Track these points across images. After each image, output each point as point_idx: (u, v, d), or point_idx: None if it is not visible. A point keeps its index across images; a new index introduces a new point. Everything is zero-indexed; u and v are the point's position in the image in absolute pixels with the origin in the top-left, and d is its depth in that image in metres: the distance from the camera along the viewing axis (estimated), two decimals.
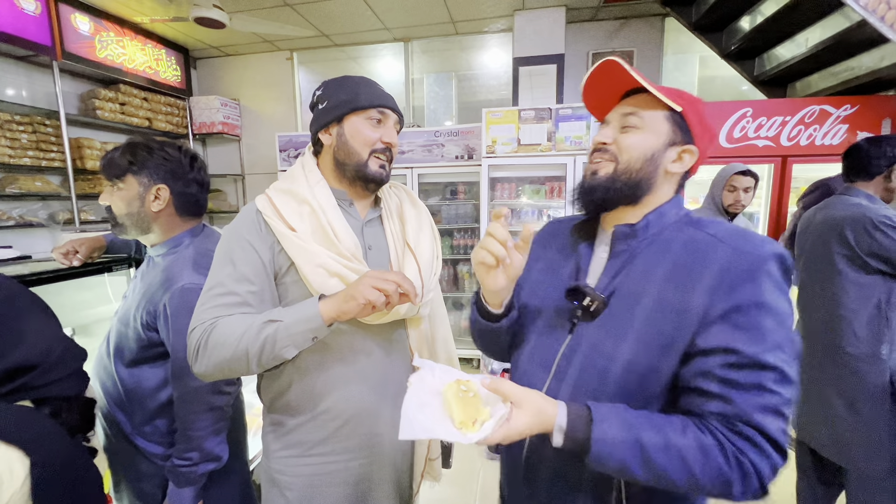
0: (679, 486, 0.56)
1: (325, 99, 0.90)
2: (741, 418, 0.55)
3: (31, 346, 0.75)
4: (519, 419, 0.55)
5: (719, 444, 0.54)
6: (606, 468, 0.57)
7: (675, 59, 4.00)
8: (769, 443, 0.54)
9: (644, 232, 0.68)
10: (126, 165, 1.00)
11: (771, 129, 2.53)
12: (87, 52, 3.27)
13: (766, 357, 0.55)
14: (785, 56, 2.83)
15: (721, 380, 0.56)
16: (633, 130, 0.67)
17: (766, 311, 0.57)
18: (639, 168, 0.67)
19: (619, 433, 0.55)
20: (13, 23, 2.79)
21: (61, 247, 1.19)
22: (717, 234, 0.64)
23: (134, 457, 1.03)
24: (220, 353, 0.75)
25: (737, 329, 0.56)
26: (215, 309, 0.79)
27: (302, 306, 0.76)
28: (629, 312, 0.64)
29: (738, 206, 2.13)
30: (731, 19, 3.01)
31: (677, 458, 0.55)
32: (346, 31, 3.89)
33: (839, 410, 1.48)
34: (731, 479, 0.54)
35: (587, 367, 0.66)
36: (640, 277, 0.65)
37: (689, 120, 0.67)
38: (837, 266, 1.48)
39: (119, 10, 3.40)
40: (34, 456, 0.68)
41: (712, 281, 0.59)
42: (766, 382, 0.54)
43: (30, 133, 2.98)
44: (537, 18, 3.50)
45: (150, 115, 3.82)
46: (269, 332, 0.74)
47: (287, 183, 0.89)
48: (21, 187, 2.93)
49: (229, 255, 0.82)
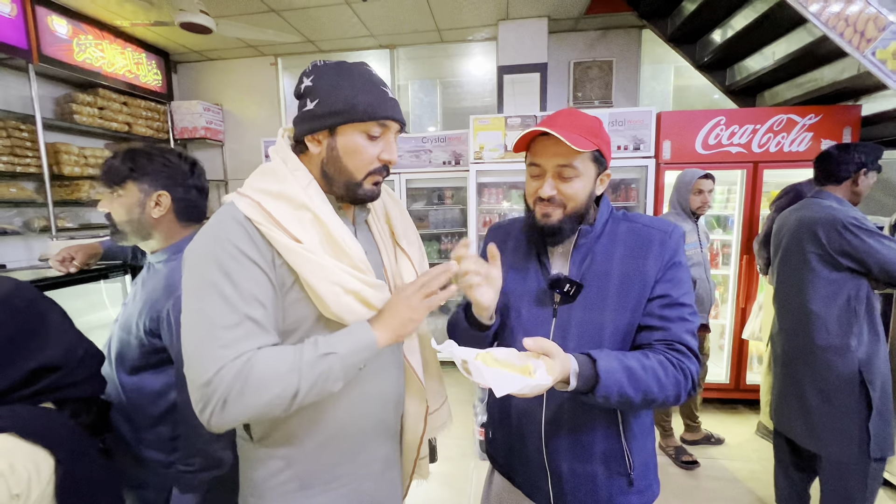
0: (654, 397, 0.75)
1: (315, 96, 0.74)
2: (676, 339, 0.79)
3: (56, 348, 0.77)
4: (556, 366, 0.68)
5: (669, 360, 0.77)
6: (609, 394, 0.72)
7: (652, 68, 4.16)
8: (692, 353, 0.80)
9: (596, 229, 0.88)
10: (127, 172, 1.00)
11: (743, 136, 2.67)
12: (64, 55, 3.18)
13: (684, 298, 0.82)
14: (754, 68, 3.00)
15: (660, 316, 0.81)
16: (573, 179, 0.83)
17: (682, 268, 0.83)
18: (583, 207, 0.85)
19: (614, 364, 0.73)
20: None
21: (57, 254, 1.17)
22: (647, 223, 0.87)
23: (136, 464, 1.02)
24: (261, 397, 0.64)
25: (668, 282, 0.82)
26: (237, 344, 0.64)
27: (354, 334, 0.70)
28: (604, 288, 0.83)
29: (705, 207, 2.28)
30: (704, 32, 3.17)
31: (651, 373, 0.75)
32: (332, 38, 3.91)
33: (812, 401, 1.57)
34: (681, 381, 0.77)
35: (582, 336, 0.83)
36: (603, 261, 0.85)
37: (603, 153, 0.84)
38: (810, 264, 1.57)
39: (98, 13, 3.33)
40: (59, 456, 0.70)
41: (656, 254, 0.83)
42: (686, 315, 0.81)
43: (3, 138, 2.88)
44: (520, 28, 3.60)
45: (129, 120, 3.74)
46: (323, 368, 0.67)
47: (274, 183, 0.73)
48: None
49: (226, 274, 0.66)
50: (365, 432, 0.83)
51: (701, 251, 2.30)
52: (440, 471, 2.30)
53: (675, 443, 2.44)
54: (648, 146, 2.80)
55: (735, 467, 2.31)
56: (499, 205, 3.36)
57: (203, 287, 0.67)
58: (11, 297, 0.74)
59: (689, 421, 2.53)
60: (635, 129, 2.79)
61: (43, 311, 0.78)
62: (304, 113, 0.76)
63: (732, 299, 2.85)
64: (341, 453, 0.81)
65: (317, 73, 0.75)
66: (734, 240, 2.83)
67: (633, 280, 0.82)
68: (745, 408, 2.92)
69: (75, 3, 3.16)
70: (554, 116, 0.85)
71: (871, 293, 1.51)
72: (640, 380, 0.73)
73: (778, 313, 1.79)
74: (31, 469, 0.67)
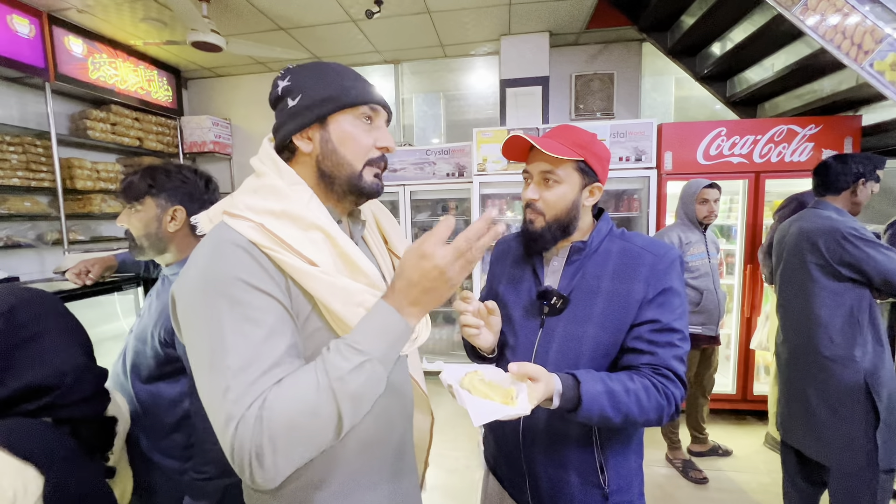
0: (634, 418, 0.77)
1: (296, 92, 0.69)
2: (662, 364, 0.80)
3: (48, 368, 0.76)
4: (539, 388, 0.70)
5: (653, 384, 0.78)
6: (591, 416, 0.74)
7: (653, 80, 4.22)
8: (678, 379, 0.81)
9: (590, 246, 0.90)
10: (145, 189, 1.04)
11: (744, 146, 2.69)
12: (79, 73, 3.29)
13: (675, 324, 0.83)
14: (754, 79, 3.04)
15: (648, 341, 0.82)
16: (554, 185, 0.87)
17: (674, 294, 0.84)
18: (565, 215, 0.88)
19: (597, 386, 0.75)
20: (7, 46, 2.81)
21: (74, 267, 1.21)
22: (642, 245, 0.88)
23: (150, 471, 1.04)
24: (299, 440, 0.55)
25: (659, 307, 0.83)
26: (251, 389, 0.55)
27: (383, 326, 0.60)
28: (589, 304, 0.86)
29: (711, 217, 2.28)
30: (704, 45, 3.22)
31: (634, 397, 0.76)
32: (339, 54, 4.00)
33: (819, 411, 1.57)
34: (663, 405, 0.78)
35: (563, 349, 0.86)
36: (593, 278, 0.87)
37: (591, 164, 0.87)
38: (812, 274, 1.58)
39: (113, 32, 3.44)
40: (48, 475, 0.69)
41: (645, 277, 0.84)
42: (675, 341, 0.82)
43: (20, 153, 2.96)
44: (522, 43, 3.67)
45: (140, 135, 3.83)
46: (364, 378, 0.57)
47: (275, 202, 0.65)
48: (10, 208, 2.90)
49: (245, 306, 0.58)
50: (387, 460, 0.76)
51: (709, 262, 2.31)
52: (446, 482, 2.30)
53: (683, 455, 2.42)
54: (650, 157, 2.83)
55: (743, 479, 2.29)
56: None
57: (208, 330, 0.57)
58: (16, 310, 0.76)
59: (697, 433, 2.52)
60: (636, 140, 2.83)
61: (43, 328, 0.78)
62: (288, 111, 0.70)
63: (737, 309, 2.85)
64: (366, 487, 0.72)
65: (293, 74, 0.71)
66: (737, 249, 2.84)
67: (618, 300, 0.84)
68: (754, 418, 2.90)
69: (91, 23, 3.27)
70: (552, 130, 0.90)
71: (873, 303, 1.52)
72: (622, 402, 0.75)
73: (782, 324, 1.79)
74: (17, 487, 0.65)
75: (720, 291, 2.33)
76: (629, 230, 0.93)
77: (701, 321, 2.29)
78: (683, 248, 2.29)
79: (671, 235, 2.31)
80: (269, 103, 0.74)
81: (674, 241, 2.29)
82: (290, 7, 3.09)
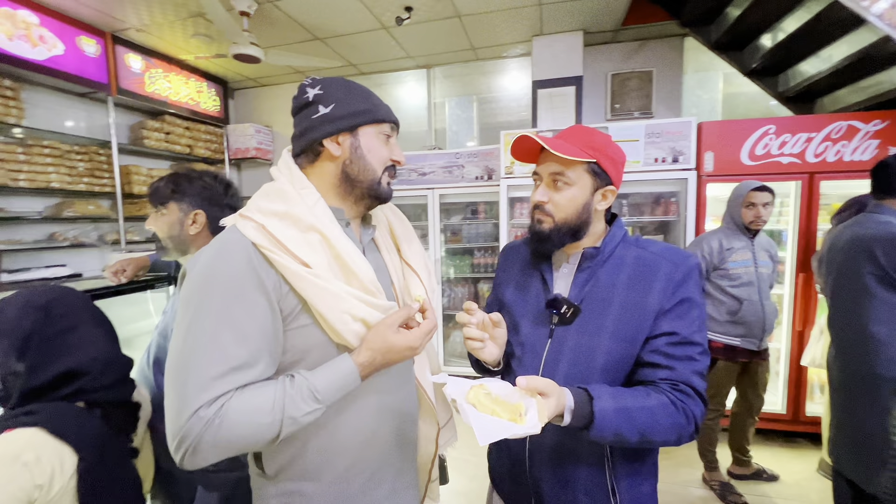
0: (653, 439, 0.72)
1: (330, 101, 0.76)
2: (681, 380, 0.75)
3: (83, 355, 0.85)
4: (550, 404, 0.66)
5: (672, 402, 0.73)
6: (604, 434, 0.70)
7: (698, 77, 3.99)
8: (698, 396, 0.76)
9: (603, 252, 0.85)
10: (169, 194, 1.11)
11: (796, 145, 2.48)
12: (137, 87, 3.58)
13: (694, 336, 0.77)
14: (809, 72, 2.79)
15: (665, 354, 0.77)
16: (564, 187, 0.82)
17: (693, 304, 0.79)
18: (575, 218, 0.83)
19: (611, 403, 0.70)
20: (76, 64, 3.11)
21: (112, 266, 1.31)
22: (657, 252, 0.83)
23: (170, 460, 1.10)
24: (234, 446, 0.63)
25: (677, 318, 0.77)
26: (216, 385, 0.61)
27: (338, 377, 0.68)
28: (602, 314, 0.81)
29: (759, 222, 2.10)
30: (752, 37, 3.00)
31: (650, 414, 0.72)
32: (372, 61, 4.10)
33: (874, 440, 1.41)
34: (682, 424, 0.73)
35: (575, 362, 0.81)
36: (606, 287, 0.82)
37: (603, 166, 0.82)
38: (868, 286, 1.43)
39: (168, 49, 3.72)
40: (82, 454, 0.77)
41: (661, 286, 0.79)
42: (694, 355, 0.77)
43: (86, 161, 3.26)
44: (555, 43, 3.59)
45: (191, 143, 4.10)
46: (310, 419, 0.66)
47: (280, 204, 0.71)
48: (76, 211, 3.19)
49: (225, 309, 0.64)
50: (385, 460, 0.80)
51: (756, 270, 2.14)
52: (468, 488, 2.27)
53: (722, 477, 2.26)
54: (688, 158, 2.67)
55: None
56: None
57: (193, 318, 0.64)
58: (52, 304, 0.84)
59: (740, 454, 2.33)
60: (674, 140, 2.68)
61: (77, 320, 0.87)
62: (317, 118, 0.76)
63: (788, 321, 2.62)
64: (360, 485, 0.77)
65: (323, 84, 0.79)
66: (788, 257, 2.61)
67: (632, 311, 0.79)
68: (806, 442, 2.66)
69: (148, 41, 3.55)
70: (564, 131, 0.86)
71: None
72: (638, 421, 0.71)
73: (834, 339, 1.63)
74: (55, 463, 0.73)
75: (768, 303, 2.14)
76: (666, 235, 0.88)
77: (740, 333, 2.12)
78: (724, 254, 2.13)
79: (711, 241, 2.16)
80: (294, 108, 0.81)
81: (713, 246, 2.14)
82: (324, 18, 3.21)
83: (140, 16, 3.13)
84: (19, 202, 3.02)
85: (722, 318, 2.15)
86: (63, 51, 3.02)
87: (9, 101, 2.77)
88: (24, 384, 0.79)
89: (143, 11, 3.07)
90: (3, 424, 0.74)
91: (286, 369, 0.72)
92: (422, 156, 3.59)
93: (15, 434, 0.72)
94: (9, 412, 0.79)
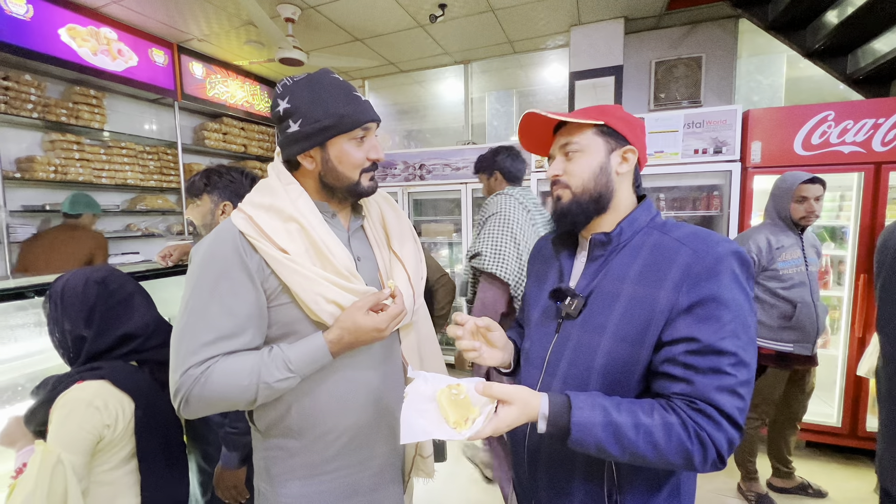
0: (649, 460, 0.63)
1: (297, 116, 0.78)
2: (700, 397, 0.62)
3: (137, 320, 1.02)
4: (507, 413, 0.62)
5: (681, 422, 0.61)
6: (585, 447, 0.63)
7: (757, 60, 3.68)
8: (725, 418, 0.61)
9: (617, 238, 0.75)
10: (202, 187, 1.25)
11: (860, 133, 2.24)
12: (199, 92, 3.94)
13: (723, 344, 0.62)
14: (883, 50, 2.50)
15: (684, 364, 0.63)
16: (576, 155, 0.76)
17: (723, 304, 0.63)
18: (593, 184, 0.75)
19: (595, 416, 0.62)
20: (148, 73, 3.49)
21: (161, 251, 1.50)
22: (679, 237, 0.70)
23: (201, 422, 1.26)
24: (218, 403, 0.73)
25: (698, 320, 0.64)
26: (204, 350, 0.72)
27: (310, 351, 0.76)
28: (607, 310, 0.71)
29: (811, 217, 1.93)
30: (815, 15, 2.74)
31: (645, 435, 0.61)
32: (411, 59, 4.20)
33: None
34: (692, 451, 0.61)
35: (574, 361, 0.74)
36: (615, 279, 0.73)
37: (614, 126, 0.75)
38: None
39: (226, 56, 4.05)
40: (138, 402, 0.94)
41: (677, 279, 0.66)
42: (723, 366, 0.61)
43: (156, 160, 3.66)
44: (594, 32, 3.48)
45: (245, 143, 4.44)
46: (283, 386, 0.75)
47: (266, 198, 0.80)
48: (147, 205, 3.59)
49: (216, 287, 0.74)
50: (361, 428, 0.86)
51: (806, 269, 1.97)
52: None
53: (759, 489, 2.12)
54: (732, 149, 2.50)
55: None
56: None
57: (191, 293, 0.75)
58: (108, 279, 1.00)
59: (781, 465, 2.18)
60: (716, 130, 2.52)
61: (130, 291, 1.04)
62: (290, 135, 0.80)
63: (846, 326, 2.39)
64: (339, 447, 0.85)
65: (290, 94, 0.79)
66: (849, 255, 2.38)
67: (639, 308, 0.68)
68: (864, 458, 2.42)
69: (208, 49, 3.90)
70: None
71: None
72: (628, 440, 0.61)
73: (883, 345, 1.48)
74: (118, 408, 0.91)
75: (819, 304, 1.97)
76: (708, 230, 0.72)
77: (794, 338, 1.96)
78: (773, 253, 1.97)
79: (758, 239, 2.01)
80: (272, 118, 0.84)
81: (761, 245, 1.99)
82: (362, 19, 3.34)
83: (201, 27, 3.44)
84: (102, 197, 3.46)
85: (774, 323, 1.99)
86: (137, 62, 3.40)
87: (94, 109, 3.17)
88: (90, 347, 0.97)
89: (202, 23, 3.37)
90: (73, 377, 0.92)
91: (275, 342, 0.80)
92: (455, 151, 3.64)
93: (85, 385, 0.89)
94: (76, 368, 0.96)
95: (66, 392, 0.88)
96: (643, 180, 0.85)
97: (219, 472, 1.20)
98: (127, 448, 0.94)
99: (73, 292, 0.98)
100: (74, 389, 0.88)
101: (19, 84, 2.77)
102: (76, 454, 0.83)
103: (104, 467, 0.91)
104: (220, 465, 1.20)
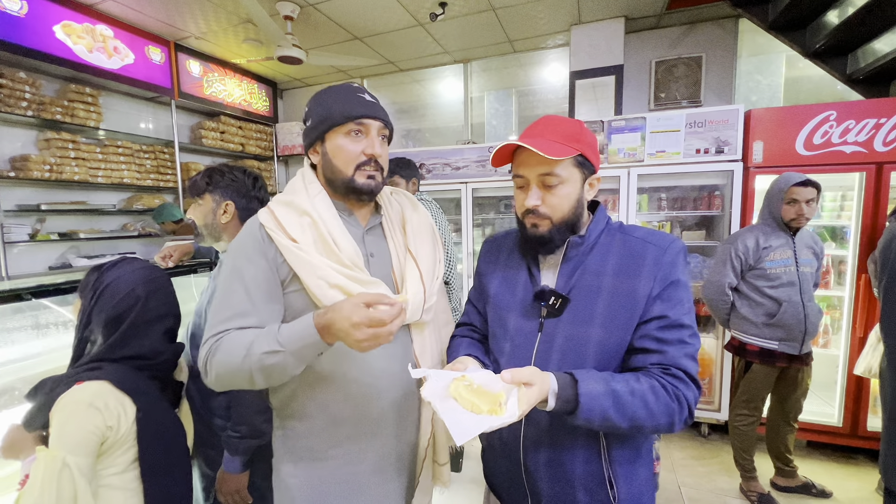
0: (643, 424, 0.72)
1: (308, 116, 0.90)
2: (672, 364, 0.75)
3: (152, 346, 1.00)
4: (530, 393, 0.67)
5: (662, 385, 0.73)
6: (592, 418, 0.69)
7: (756, 60, 3.69)
8: (691, 380, 0.75)
9: (588, 240, 0.84)
10: (204, 186, 1.23)
11: (861, 133, 2.25)
12: (196, 90, 3.90)
13: (684, 319, 0.77)
14: (883, 50, 2.51)
15: (657, 339, 0.76)
16: (557, 187, 0.80)
17: (681, 286, 0.79)
18: (571, 214, 0.83)
19: (598, 387, 0.70)
20: (145, 71, 3.44)
21: (161, 251, 1.47)
22: (642, 237, 0.83)
23: (204, 427, 1.24)
24: (222, 373, 0.78)
25: (666, 301, 0.77)
26: (223, 324, 0.80)
27: (299, 328, 0.74)
28: (592, 303, 0.80)
29: (801, 220, 1.94)
30: (815, 15, 2.74)
31: (640, 398, 0.71)
32: (410, 58, 4.17)
33: None
34: (674, 409, 0.73)
35: (566, 353, 0.80)
36: (594, 274, 0.82)
37: (587, 156, 0.82)
38: None
39: (223, 54, 4.01)
40: (139, 404, 0.92)
41: (649, 271, 0.78)
42: (685, 337, 0.77)
43: (152, 159, 3.62)
44: (594, 31, 3.47)
45: (243, 141, 4.41)
46: (274, 361, 0.74)
47: (288, 195, 0.90)
48: (144, 204, 3.55)
49: (239, 271, 0.83)
50: (362, 422, 0.88)
51: (796, 270, 1.98)
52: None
53: (760, 488, 2.12)
54: (734, 148, 2.50)
55: None
56: None
57: (223, 278, 0.86)
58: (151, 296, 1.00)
59: (782, 464, 2.18)
60: (718, 129, 2.52)
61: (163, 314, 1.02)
62: (303, 134, 0.92)
63: (847, 326, 2.40)
64: (343, 437, 0.88)
65: (312, 99, 0.92)
66: (850, 255, 2.38)
67: (622, 298, 0.78)
68: (866, 458, 2.42)
69: (205, 47, 3.85)
70: (532, 126, 0.83)
71: None
72: (627, 405, 0.70)
73: (886, 345, 1.49)
74: (119, 409, 0.89)
75: (811, 305, 1.97)
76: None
77: (779, 336, 1.98)
78: (760, 253, 1.98)
79: (746, 239, 2.02)
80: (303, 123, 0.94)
81: (748, 244, 2.00)
82: (362, 17, 3.31)
83: (198, 24, 3.40)
84: (97, 196, 3.41)
85: (759, 320, 2.01)
86: (133, 60, 3.35)
87: (90, 107, 3.13)
88: (98, 353, 0.94)
89: (200, 20, 3.33)
90: (73, 378, 0.89)
91: None
92: (455, 150, 3.62)
93: (85, 385, 0.87)
94: (76, 368, 0.94)
95: (66, 394, 0.85)
96: (645, 179, 0.91)
97: (221, 477, 1.18)
98: (132, 451, 0.92)
99: (113, 292, 0.96)
100: (74, 391, 0.86)
101: (13, 82, 2.73)
102: (81, 456, 0.81)
103: (111, 471, 0.89)
104: (222, 470, 1.18)
